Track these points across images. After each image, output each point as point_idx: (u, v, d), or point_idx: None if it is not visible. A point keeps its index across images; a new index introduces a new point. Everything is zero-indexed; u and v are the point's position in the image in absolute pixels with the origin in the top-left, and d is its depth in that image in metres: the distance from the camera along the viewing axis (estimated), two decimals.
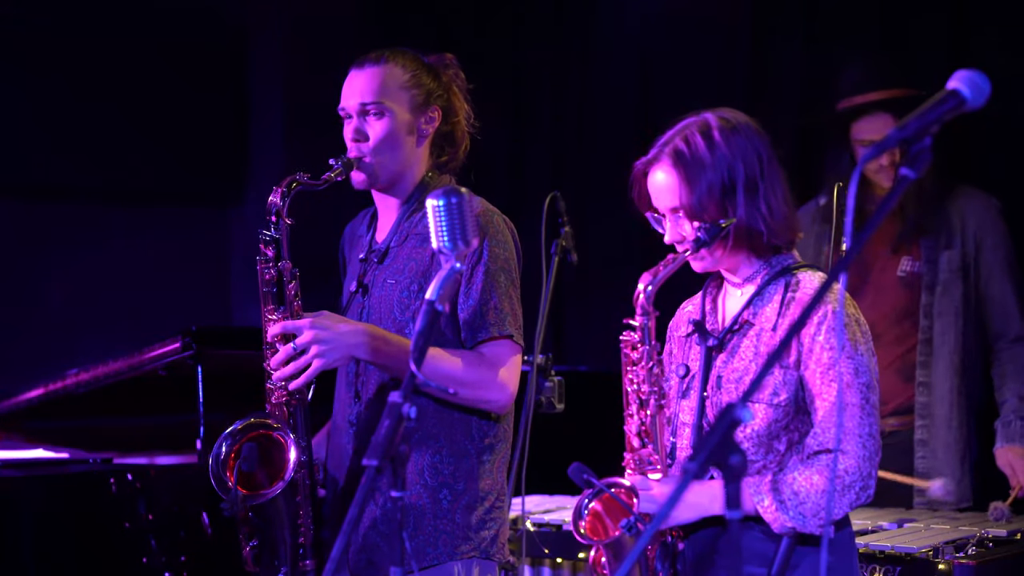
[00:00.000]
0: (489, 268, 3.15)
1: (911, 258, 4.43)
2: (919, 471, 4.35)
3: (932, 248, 4.39)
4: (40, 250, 6.38)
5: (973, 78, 2.19)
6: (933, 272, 4.38)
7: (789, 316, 2.83)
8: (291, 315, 3.13)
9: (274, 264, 3.15)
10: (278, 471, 3.10)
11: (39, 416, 5.14)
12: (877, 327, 4.41)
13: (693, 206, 2.82)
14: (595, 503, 2.87)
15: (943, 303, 4.37)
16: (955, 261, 4.37)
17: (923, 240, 4.40)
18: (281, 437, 3.10)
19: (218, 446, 3.10)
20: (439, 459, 3.17)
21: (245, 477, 3.07)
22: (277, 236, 3.15)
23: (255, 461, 3.07)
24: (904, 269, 4.43)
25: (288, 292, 3.14)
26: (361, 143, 3.21)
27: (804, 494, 2.75)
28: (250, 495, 3.07)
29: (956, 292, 4.37)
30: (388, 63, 3.22)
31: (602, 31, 6.16)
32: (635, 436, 2.89)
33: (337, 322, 3.09)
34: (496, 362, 3.12)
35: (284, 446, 3.10)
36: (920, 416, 4.37)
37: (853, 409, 2.77)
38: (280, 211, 3.15)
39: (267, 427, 3.12)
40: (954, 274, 4.37)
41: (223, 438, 3.11)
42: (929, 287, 4.38)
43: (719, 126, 2.84)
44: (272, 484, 3.09)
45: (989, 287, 4.38)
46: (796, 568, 2.80)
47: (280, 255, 3.15)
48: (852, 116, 4.37)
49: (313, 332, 3.04)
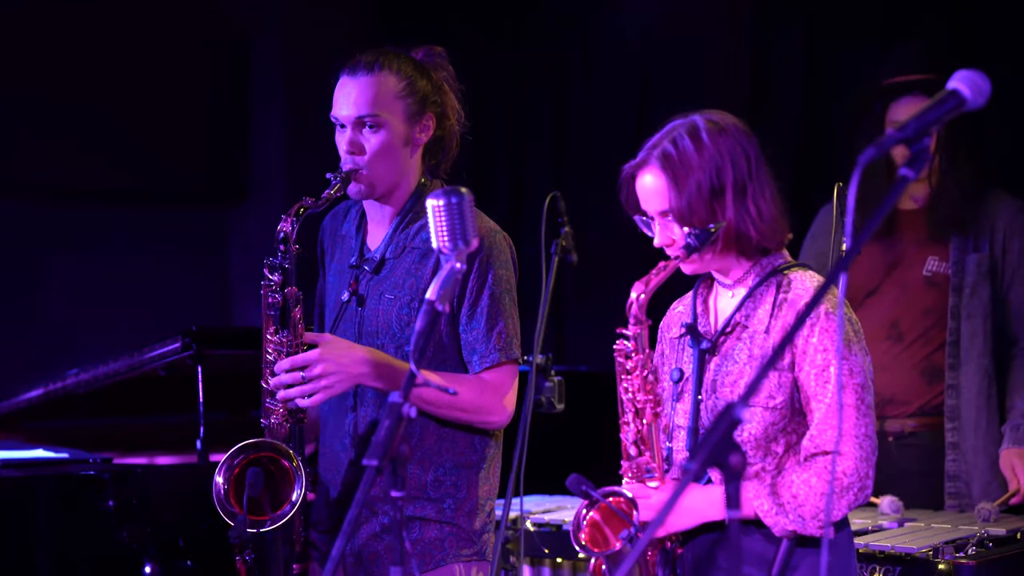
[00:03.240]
0: (494, 292, 3.15)
1: (937, 258, 4.40)
2: (950, 474, 4.35)
3: (960, 249, 4.36)
4: (40, 250, 6.38)
5: (973, 78, 2.19)
6: (960, 273, 4.35)
7: (781, 318, 2.83)
8: (295, 337, 3.11)
9: (280, 290, 3.12)
10: (284, 495, 3.09)
11: (39, 416, 5.14)
12: (901, 326, 4.41)
13: (682, 209, 2.81)
14: (593, 513, 2.86)
15: (972, 305, 4.34)
16: (984, 264, 4.35)
17: (952, 240, 4.38)
18: (287, 462, 3.10)
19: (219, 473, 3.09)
20: (442, 472, 3.19)
21: (251, 502, 3.06)
22: (286, 264, 3.12)
23: (260, 486, 3.07)
24: (930, 269, 4.41)
25: (293, 317, 3.12)
26: (357, 156, 3.17)
27: (803, 496, 2.75)
28: (257, 521, 3.06)
29: (985, 294, 4.35)
30: (382, 71, 3.17)
31: (602, 31, 6.16)
32: (631, 444, 2.89)
33: (344, 352, 3.08)
34: (500, 388, 3.16)
35: (289, 472, 3.09)
36: (949, 419, 4.35)
37: (849, 410, 2.76)
38: (289, 237, 3.13)
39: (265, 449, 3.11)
40: (983, 276, 4.35)
41: (224, 462, 3.09)
42: (957, 289, 4.36)
43: (707, 128, 2.84)
44: (276, 509, 3.08)
45: (1011, 291, 4.37)
46: (796, 570, 2.80)
47: (287, 281, 3.13)
48: (892, 96, 4.35)
49: (323, 366, 3.05)
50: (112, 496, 4.07)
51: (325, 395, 3.07)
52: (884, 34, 5.21)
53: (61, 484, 4.14)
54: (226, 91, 6.70)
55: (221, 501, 3.07)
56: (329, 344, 3.09)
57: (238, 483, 3.08)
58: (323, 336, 3.14)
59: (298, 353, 3.10)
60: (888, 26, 5.22)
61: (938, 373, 4.39)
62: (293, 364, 3.08)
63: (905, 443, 4.40)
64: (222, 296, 6.81)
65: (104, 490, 4.08)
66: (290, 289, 3.13)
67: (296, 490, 3.08)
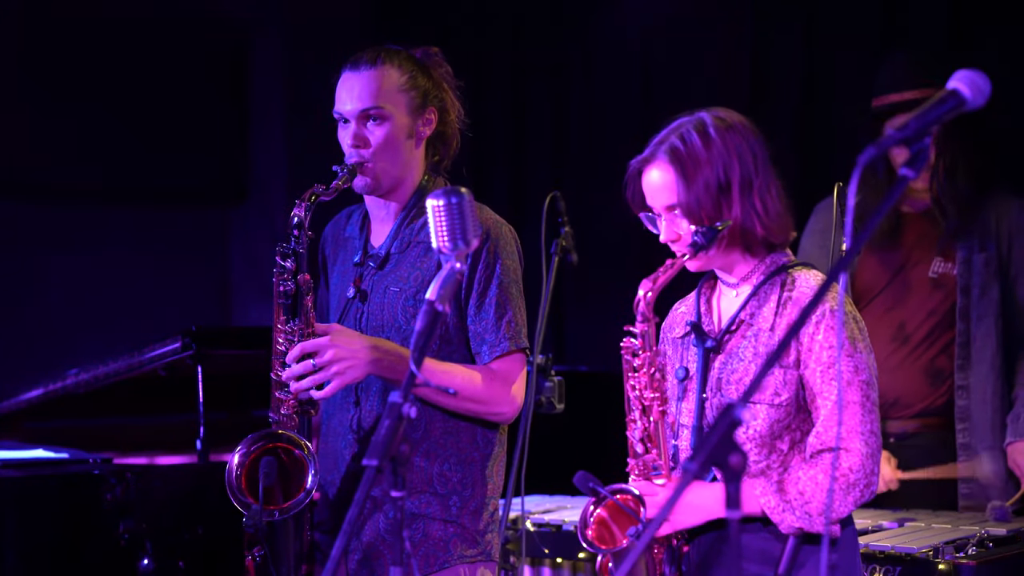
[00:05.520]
0: (503, 282, 3.16)
1: (943, 259, 4.40)
2: (963, 476, 4.34)
3: (967, 250, 4.35)
4: (40, 250, 6.38)
5: (973, 78, 2.19)
6: (968, 274, 4.34)
7: (786, 316, 2.84)
8: (306, 326, 3.11)
9: (292, 277, 3.12)
10: (296, 485, 3.08)
11: (39, 416, 5.14)
12: (906, 327, 4.40)
13: (690, 203, 2.83)
14: (600, 510, 2.87)
15: (982, 306, 4.33)
16: (992, 263, 4.34)
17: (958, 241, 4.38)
18: (300, 453, 3.09)
19: (233, 458, 3.08)
20: (448, 467, 3.18)
21: (265, 492, 3.05)
22: (299, 250, 3.12)
23: (274, 476, 3.06)
24: (936, 270, 4.40)
25: (305, 304, 3.12)
26: (362, 149, 3.18)
27: (809, 493, 2.76)
28: (272, 509, 3.06)
29: (995, 294, 4.34)
30: (384, 65, 3.20)
31: (602, 31, 6.16)
32: (638, 442, 2.89)
33: (354, 339, 3.08)
34: (509, 377, 3.16)
35: (303, 462, 3.09)
36: (960, 420, 4.34)
37: (854, 407, 2.77)
38: (302, 224, 3.13)
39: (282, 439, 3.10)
40: (992, 276, 4.34)
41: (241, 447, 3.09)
42: (965, 290, 4.35)
43: (714, 124, 2.86)
44: (288, 499, 3.08)
45: (1016, 288, 4.36)
46: (803, 567, 2.81)
47: (300, 268, 3.13)
48: (887, 114, 4.35)
49: (334, 351, 3.04)
50: (112, 496, 4.08)
51: (339, 383, 3.06)
52: (884, 34, 5.21)
53: (61, 484, 4.15)
54: (226, 91, 6.71)
55: (233, 489, 3.07)
56: (339, 332, 3.09)
57: (250, 472, 3.07)
58: (332, 326, 3.13)
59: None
60: (887, 26, 5.22)
61: (941, 375, 4.39)
62: (303, 350, 3.07)
63: (907, 444, 4.40)
64: (222, 296, 6.81)
65: (104, 490, 4.08)
66: (302, 276, 3.13)
67: (309, 478, 3.07)
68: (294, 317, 3.12)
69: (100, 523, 4.09)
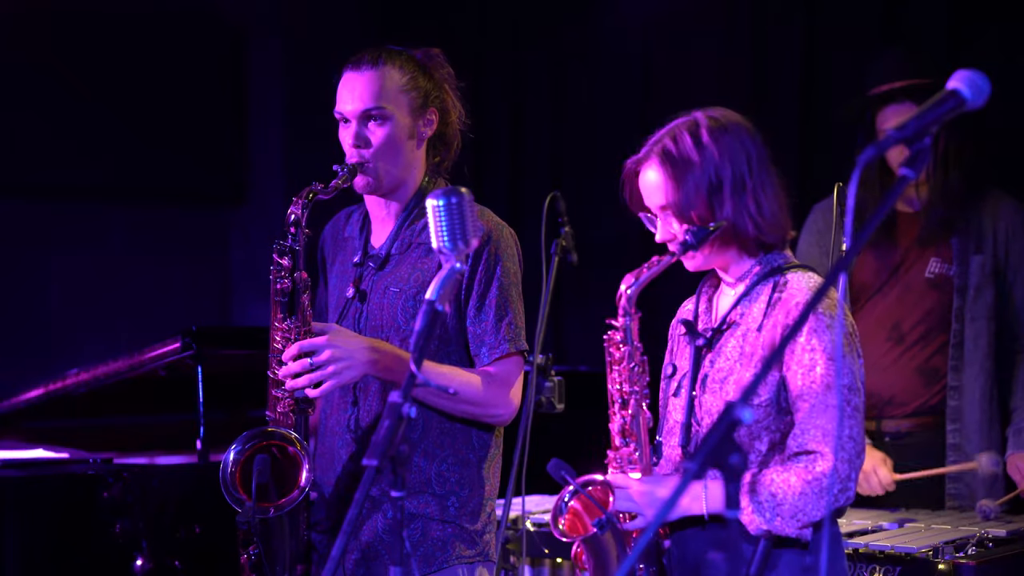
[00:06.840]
0: (503, 284, 3.17)
1: (940, 259, 4.40)
2: (951, 475, 4.35)
3: (963, 251, 4.36)
4: (40, 250, 6.38)
5: (973, 78, 2.19)
6: (964, 276, 4.35)
7: (774, 316, 2.83)
8: (303, 324, 3.11)
9: (289, 275, 3.13)
10: (290, 482, 3.08)
11: (39, 416, 5.14)
12: (902, 327, 4.40)
13: (680, 204, 2.84)
14: (574, 501, 2.90)
15: (976, 307, 4.34)
16: (987, 265, 4.34)
17: (954, 242, 4.37)
18: (294, 450, 3.09)
19: (227, 456, 3.08)
20: (445, 468, 3.19)
21: (258, 489, 3.05)
22: (296, 247, 3.12)
23: (268, 473, 3.06)
24: (933, 271, 4.40)
25: (302, 302, 3.12)
26: (363, 149, 3.19)
27: (781, 496, 2.74)
28: (267, 507, 3.06)
29: (989, 296, 4.34)
30: (385, 65, 3.20)
31: (602, 31, 6.16)
32: (618, 435, 2.92)
33: (352, 339, 3.08)
34: (507, 380, 3.17)
35: (297, 459, 3.09)
36: (951, 420, 4.35)
37: (832, 411, 2.76)
38: (299, 221, 3.13)
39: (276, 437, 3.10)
40: (987, 278, 4.34)
41: (235, 445, 3.09)
42: (960, 291, 4.35)
43: (708, 126, 2.86)
44: (282, 496, 3.08)
45: (1013, 291, 4.36)
46: (774, 569, 2.80)
47: (296, 266, 3.13)
48: (878, 105, 4.35)
49: (331, 351, 3.04)
50: (109, 495, 4.08)
51: (335, 382, 3.06)
52: (883, 34, 5.21)
53: (60, 484, 4.15)
54: (225, 91, 6.71)
55: (227, 486, 3.07)
56: (337, 332, 3.09)
57: (245, 469, 3.07)
58: (330, 325, 3.14)
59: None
60: (887, 26, 5.22)
61: (935, 374, 4.39)
62: (301, 349, 3.07)
63: (901, 443, 4.40)
64: (222, 296, 6.82)
65: (104, 490, 4.08)
66: (299, 274, 3.13)
67: (304, 475, 3.07)
68: (291, 315, 3.13)
69: (97, 522, 4.09)
